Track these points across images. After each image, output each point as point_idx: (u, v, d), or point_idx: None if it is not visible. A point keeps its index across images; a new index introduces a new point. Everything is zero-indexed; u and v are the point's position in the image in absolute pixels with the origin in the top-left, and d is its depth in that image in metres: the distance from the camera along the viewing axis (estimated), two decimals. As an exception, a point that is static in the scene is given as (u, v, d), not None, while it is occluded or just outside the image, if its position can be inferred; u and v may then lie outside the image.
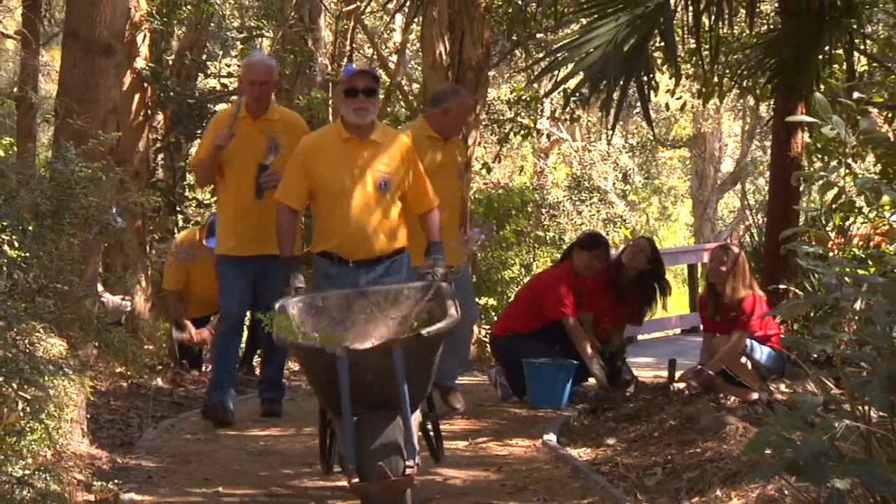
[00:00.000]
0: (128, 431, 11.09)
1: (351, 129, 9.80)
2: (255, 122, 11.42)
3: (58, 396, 7.13)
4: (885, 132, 13.83)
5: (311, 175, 9.80)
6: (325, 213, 9.96)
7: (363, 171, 9.76)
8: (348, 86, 9.66)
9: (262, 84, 11.38)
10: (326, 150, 9.86)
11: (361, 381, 7.99)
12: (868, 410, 6.88)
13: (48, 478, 5.46)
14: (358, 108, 9.62)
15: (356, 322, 8.92)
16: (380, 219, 9.85)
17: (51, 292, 7.28)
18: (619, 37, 11.63)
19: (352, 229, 9.77)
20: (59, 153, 9.09)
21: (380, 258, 9.94)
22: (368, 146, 9.82)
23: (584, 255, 13.31)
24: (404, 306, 9.05)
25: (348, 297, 9.07)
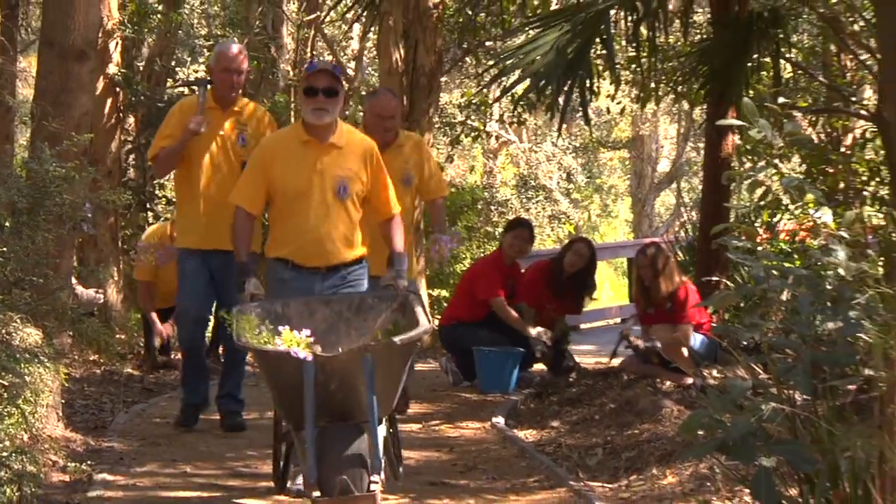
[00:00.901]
0: (101, 416, 11.07)
1: (311, 131, 8.55)
2: (223, 112, 10.37)
3: (34, 383, 7.11)
4: (808, 135, 13.91)
5: (268, 177, 8.61)
6: (281, 218, 8.76)
7: (321, 175, 8.52)
8: (308, 84, 8.53)
9: (237, 73, 10.31)
10: (285, 152, 8.65)
11: (326, 389, 7.14)
12: (793, 394, 6.92)
13: (24, 459, 5.44)
14: (316, 108, 8.42)
15: (317, 330, 7.71)
16: (337, 226, 8.63)
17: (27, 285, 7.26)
18: (563, 41, 11.69)
19: (307, 236, 8.58)
20: (34, 154, 9.07)
21: (336, 267, 8.71)
22: (329, 149, 8.56)
23: (508, 236, 13.66)
24: (368, 316, 8.13)
25: (309, 304, 8.10)
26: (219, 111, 10.30)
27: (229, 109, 10.39)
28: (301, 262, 8.60)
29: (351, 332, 8.03)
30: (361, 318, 8.09)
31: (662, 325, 12.10)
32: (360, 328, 8.03)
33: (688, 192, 37.14)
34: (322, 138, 8.54)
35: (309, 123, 8.53)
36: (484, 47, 20.23)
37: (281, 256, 8.68)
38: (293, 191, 8.54)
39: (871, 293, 6.89)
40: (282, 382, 7.37)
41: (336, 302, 8.19)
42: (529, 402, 12.66)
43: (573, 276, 13.73)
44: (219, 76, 10.29)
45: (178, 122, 10.26)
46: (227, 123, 10.34)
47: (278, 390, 7.50)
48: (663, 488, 8.81)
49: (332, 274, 8.67)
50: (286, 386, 7.28)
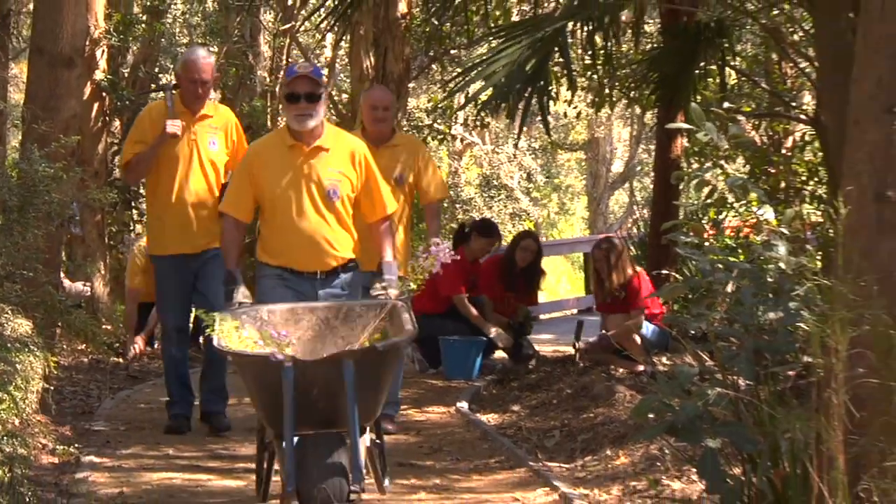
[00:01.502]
0: (88, 401, 11.04)
1: (296, 136, 7.92)
2: (192, 117, 9.59)
3: (24, 370, 7.10)
4: (752, 138, 13.93)
5: (256, 184, 7.95)
6: (272, 225, 8.11)
7: (310, 179, 7.90)
8: (289, 90, 7.86)
9: (203, 83, 9.54)
10: (271, 158, 7.97)
11: (307, 395, 6.48)
12: (737, 380, 6.94)
13: (15, 442, 5.43)
14: (299, 114, 7.76)
15: (302, 338, 7.22)
16: (331, 230, 8.00)
17: (17, 278, 7.25)
18: (523, 56, 11.68)
19: (302, 243, 7.95)
20: (25, 155, 9.06)
21: (335, 269, 8.11)
22: (315, 152, 7.92)
23: (482, 241, 13.57)
24: (355, 325, 7.30)
25: (295, 311, 7.35)
26: (188, 115, 9.57)
27: (198, 114, 9.65)
28: (298, 269, 8.07)
29: (337, 340, 7.27)
30: (348, 326, 7.30)
31: (616, 315, 12.17)
32: (347, 336, 7.26)
33: (640, 192, 37.19)
34: (308, 142, 7.91)
35: (295, 130, 7.91)
36: (449, 55, 20.26)
37: (276, 265, 8.13)
38: (283, 197, 7.89)
39: (809, 285, 6.91)
40: (262, 388, 6.73)
41: (323, 309, 7.43)
42: (491, 387, 12.69)
43: (524, 270, 13.82)
44: (185, 83, 9.58)
45: (148, 127, 9.56)
46: (197, 128, 9.65)
47: (259, 396, 6.83)
48: (616, 468, 8.83)
49: (330, 279, 8.11)
50: (266, 391, 6.64)
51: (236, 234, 8.06)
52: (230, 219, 8.04)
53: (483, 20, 14.62)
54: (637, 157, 36.13)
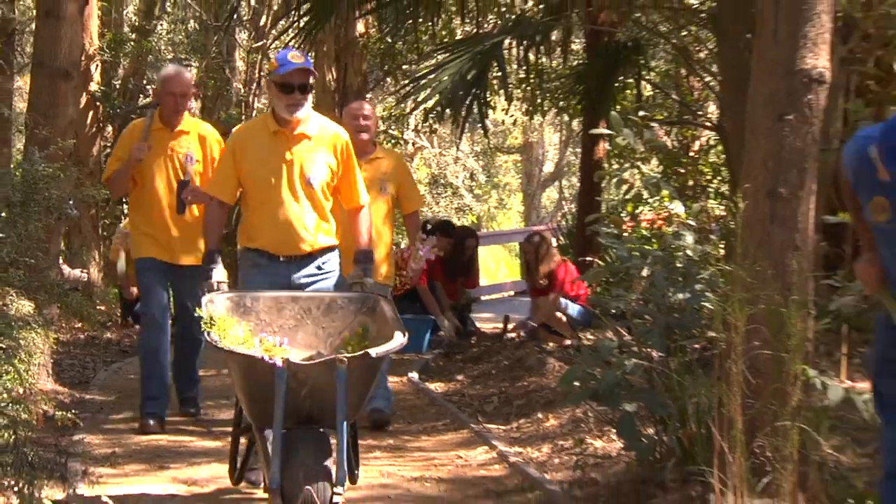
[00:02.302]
0: (84, 373, 11.00)
1: (281, 122, 7.04)
2: (171, 132, 8.86)
3: (27, 346, 7.08)
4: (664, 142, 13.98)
5: (239, 167, 7.09)
6: (253, 208, 7.18)
7: (292, 164, 7.02)
8: (284, 81, 6.91)
9: (181, 96, 8.85)
10: (255, 143, 7.11)
11: (296, 395, 5.75)
12: (650, 352, 7.00)
13: (20, 409, 5.42)
14: (291, 103, 6.91)
15: (284, 327, 6.39)
16: (309, 214, 7.06)
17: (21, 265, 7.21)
18: (465, 69, 11.70)
19: (280, 226, 7.01)
20: (27, 156, 9.02)
21: (311, 254, 7.11)
22: (299, 139, 7.03)
23: (444, 240, 13.57)
24: (337, 317, 6.49)
25: (279, 300, 6.51)
26: (166, 131, 8.80)
27: (176, 130, 8.87)
28: (275, 252, 7.07)
29: (318, 331, 6.48)
30: (330, 318, 6.47)
31: (543, 298, 12.26)
32: (328, 328, 6.46)
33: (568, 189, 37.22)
34: (293, 129, 7.01)
35: (281, 117, 7.01)
36: (401, 69, 20.22)
37: (255, 247, 7.13)
38: (264, 181, 7.01)
39: (713, 270, 6.96)
40: (251, 385, 5.91)
41: (305, 300, 6.56)
42: (439, 360, 12.75)
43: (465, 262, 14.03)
44: (164, 98, 8.83)
45: (126, 145, 8.83)
46: (175, 143, 8.86)
47: (247, 392, 5.99)
48: (546, 429, 8.88)
49: (306, 262, 7.12)
50: (255, 386, 5.86)
51: (219, 214, 7.22)
52: (215, 200, 7.22)
53: (431, 38, 14.60)
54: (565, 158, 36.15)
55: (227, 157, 7.24)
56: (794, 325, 5.93)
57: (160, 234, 8.81)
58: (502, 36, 12.44)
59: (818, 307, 6.72)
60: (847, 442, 6.25)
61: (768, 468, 6.04)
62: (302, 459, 5.75)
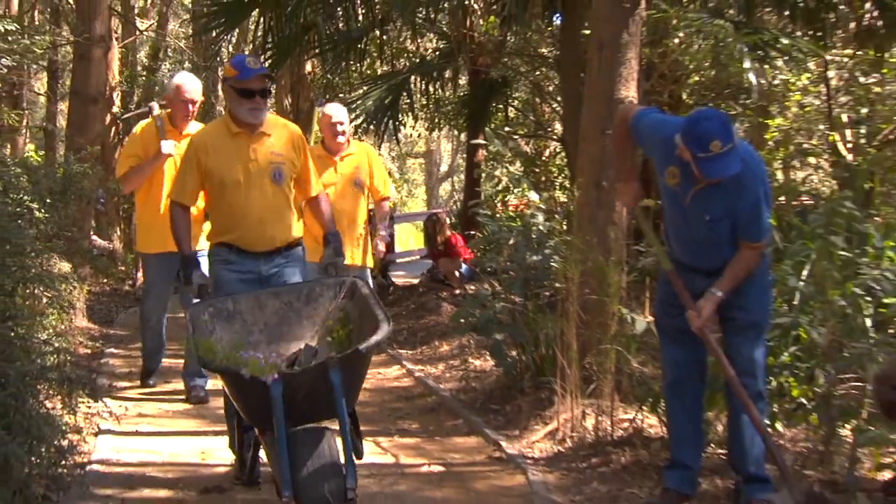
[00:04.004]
0: (109, 314, 10.86)
1: (240, 125, 5.46)
2: (179, 135, 7.19)
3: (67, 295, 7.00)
4: (524, 149, 14.02)
5: (204, 170, 5.44)
6: (221, 208, 5.52)
7: (257, 163, 5.45)
8: (245, 87, 5.39)
9: (192, 102, 7.26)
10: (217, 145, 5.48)
11: (293, 400, 4.37)
12: (514, 298, 7.05)
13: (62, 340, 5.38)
14: (252, 108, 5.42)
15: (269, 323, 4.98)
16: (276, 210, 5.49)
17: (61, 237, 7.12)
18: (383, 96, 11.71)
19: (250, 222, 5.42)
20: (66, 159, 8.91)
21: (278, 249, 5.51)
22: (259, 137, 5.48)
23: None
24: (318, 304, 5.06)
25: (259, 298, 5.04)
26: (176, 134, 7.21)
27: (184, 133, 7.22)
28: (245, 247, 5.43)
29: (302, 321, 5.04)
30: (311, 306, 5.05)
31: (443, 259, 12.27)
32: (311, 317, 5.04)
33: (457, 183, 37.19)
34: (252, 129, 5.45)
35: (241, 120, 5.41)
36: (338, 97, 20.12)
37: (225, 241, 5.48)
38: (231, 180, 5.39)
39: (557, 240, 7.02)
40: (247, 399, 4.51)
41: (285, 293, 5.09)
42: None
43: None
44: (177, 105, 7.23)
45: (139, 144, 7.19)
46: (182, 144, 6.87)
47: (244, 404, 4.57)
48: (442, 353, 8.93)
49: (273, 256, 5.49)
50: (251, 399, 4.47)
51: (186, 218, 5.48)
52: (178, 207, 5.44)
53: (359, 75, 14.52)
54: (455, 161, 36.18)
55: (188, 162, 5.47)
56: (612, 278, 6.03)
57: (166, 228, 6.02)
58: (410, 73, 12.44)
59: (629, 265, 6.83)
60: (648, 359, 6.36)
61: (594, 378, 6.14)
62: (311, 460, 4.35)
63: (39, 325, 5.00)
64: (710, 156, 4.43)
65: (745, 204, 4.59)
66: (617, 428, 5.87)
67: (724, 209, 4.61)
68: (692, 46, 9.03)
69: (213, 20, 11.71)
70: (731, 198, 4.59)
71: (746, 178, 4.57)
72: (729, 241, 4.67)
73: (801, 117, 11.81)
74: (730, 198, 4.59)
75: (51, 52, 15.42)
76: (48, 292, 5.18)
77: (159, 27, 19.83)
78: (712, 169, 4.47)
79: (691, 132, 4.51)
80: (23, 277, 4.80)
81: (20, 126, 16.36)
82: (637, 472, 5.38)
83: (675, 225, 4.89)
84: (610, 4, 6.58)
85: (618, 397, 6.05)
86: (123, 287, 12.74)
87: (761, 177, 4.68)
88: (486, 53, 12.71)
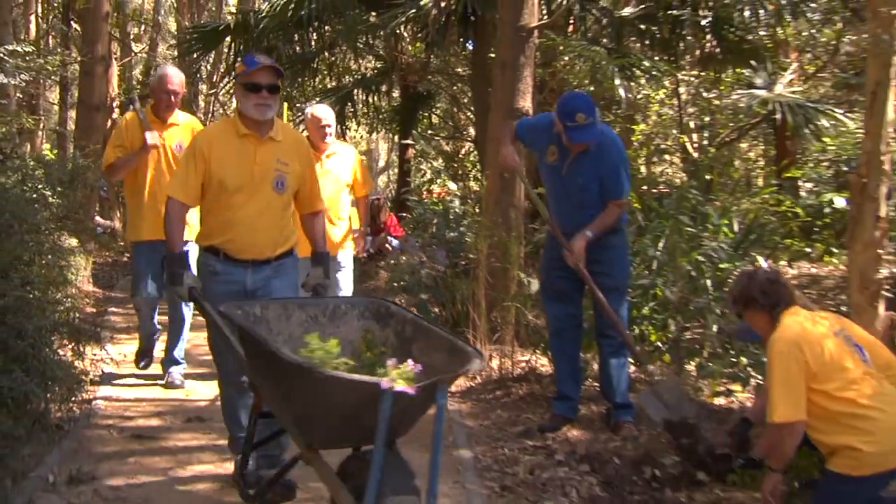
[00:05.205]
0: (111, 280, 10.61)
1: (250, 126, 4.10)
2: (163, 125, 5.87)
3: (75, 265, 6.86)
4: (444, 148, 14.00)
5: (207, 170, 4.08)
6: (217, 209, 4.13)
7: (261, 169, 4.10)
8: (251, 80, 4.05)
9: (174, 94, 5.90)
10: (223, 145, 4.12)
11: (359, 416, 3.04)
12: (436, 266, 7.06)
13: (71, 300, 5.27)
14: (259, 103, 4.04)
15: (293, 335, 3.63)
16: (273, 219, 4.14)
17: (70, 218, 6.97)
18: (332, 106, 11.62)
19: (243, 228, 4.10)
20: (73, 156, 8.71)
21: (268, 260, 4.13)
22: (267, 143, 4.13)
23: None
24: (341, 323, 3.71)
25: (286, 307, 3.69)
26: (159, 124, 5.89)
27: (168, 123, 5.92)
28: (233, 254, 4.10)
29: (326, 337, 3.49)
30: (335, 324, 3.70)
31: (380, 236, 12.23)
32: (335, 334, 3.59)
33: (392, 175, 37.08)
34: (261, 133, 4.09)
35: (249, 118, 4.08)
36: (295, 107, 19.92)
37: (212, 245, 4.12)
38: (233, 184, 4.05)
39: (470, 220, 7.05)
40: (326, 404, 3.05)
41: (311, 306, 3.74)
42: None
43: None
44: (159, 95, 5.91)
45: (125, 135, 5.86)
46: (166, 134, 5.89)
47: (310, 410, 3.12)
48: (379, 309, 8.90)
49: (262, 266, 4.11)
50: (327, 407, 3.06)
51: (181, 215, 4.07)
52: (176, 203, 4.05)
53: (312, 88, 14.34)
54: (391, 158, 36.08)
55: (190, 160, 4.11)
56: (513, 250, 6.07)
57: (153, 215, 5.67)
58: (353, 88, 12.34)
59: (526, 240, 6.88)
60: (541, 313, 6.44)
61: (499, 328, 6.18)
62: (389, 482, 3.05)
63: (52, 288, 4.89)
64: (576, 125, 4.58)
65: (607, 167, 4.71)
66: (516, 367, 5.92)
67: (592, 173, 4.71)
68: (575, 67, 9.09)
69: (194, 45, 11.87)
70: (596, 163, 4.71)
71: (606, 147, 4.72)
72: (597, 203, 4.76)
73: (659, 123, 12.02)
74: (595, 164, 4.71)
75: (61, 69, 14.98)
76: (60, 262, 5.07)
77: (151, 49, 19.42)
78: (578, 136, 4.61)
79: (563, 106, 4.66)
80: (38, 251, 4.70)
81: (37, 129, 15.89)
82: (532, 401, 5.44)
83: (556, 196, 4.94)
84: (510, 33, 6.58)
85: (517, 343, 6.10)
86: (122, 258, 12.48)
87: (618, 147, 4.82)
88: (413, 72, 12.65)
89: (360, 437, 3.10)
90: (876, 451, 3.49)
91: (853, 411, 3.53)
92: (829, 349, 3.60)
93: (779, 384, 3.55)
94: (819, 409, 3.56)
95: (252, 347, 3.30)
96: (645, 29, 9.65)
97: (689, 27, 9.54)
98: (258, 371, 3.33)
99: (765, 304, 3.79)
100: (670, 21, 9.57)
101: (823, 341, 3.62)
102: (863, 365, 3.64)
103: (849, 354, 3.63)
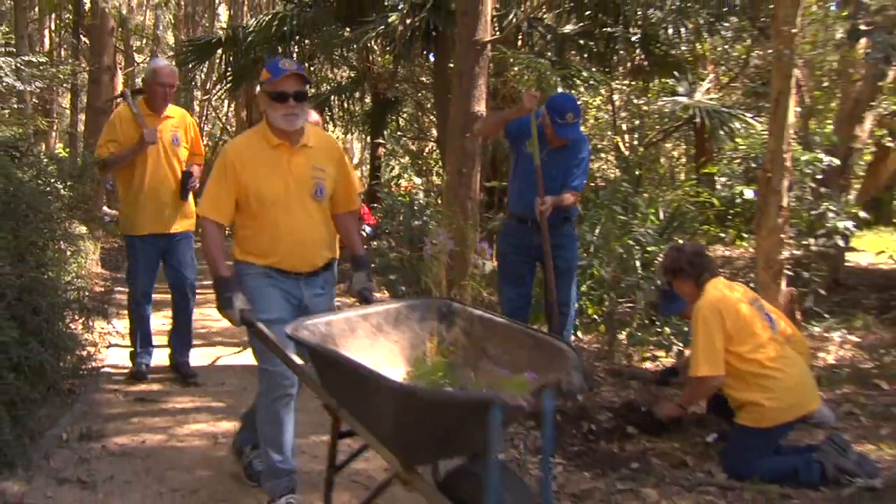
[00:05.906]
0: (117, 263, 10.46)
1: (281, 135, 3.27)
2: (158, 118, 5.09)
3: (85, 250, 6.73)
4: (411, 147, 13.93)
5: (240, 185, 3.22)
6: (257, 225, 3.27)
7: (298, 178, 3.27)
8: (277, 89, 3.24)
9: (169, 87, 5.08)
10: (255, 159, 3.25)
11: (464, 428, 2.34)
12: (403, 250, 7.03)
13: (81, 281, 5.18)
14: (287, 113, 3.22)
15: (361, 348, 2.80)
16: (318, 229, 3.34)
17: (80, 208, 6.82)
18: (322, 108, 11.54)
19: (290, 243, 3.27)
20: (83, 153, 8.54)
21: (319, 269, 3.36)
22: (301, 152, 3.29)
23: None
24: (405, 328, 2.91)
25: (350, 320, 2.86)
26: (154, 117, 5.11)
27: (162, 115, 5.13)
28: (290, 269, 3.32)
29: (392, 346, 2.92)
30: (399, 330, 2.95)
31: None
32: (400, 340, 2.94)
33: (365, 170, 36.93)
34: (294, 141, 3.31)
35: (279, 129, 3.28)
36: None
37: (266, 265, 3.29)
38: (269, 197, 3.26)
39: (433, 210, 7.04)
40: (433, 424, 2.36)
41: (373, 315, 2.95)
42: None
43: None
44: (154, 88, 5.08)
45: (118, 129, 5.11)
46: (161, 127, 5.10)
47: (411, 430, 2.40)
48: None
49: (313, 278, 3.36)
50: (433, 426, 2.37)
51: (220, 237, 3.27)
52: (211, 223, 3.24)
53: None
54: (364, 156, 35.86)
55: (221, 176, 3.28)
56: (469, 236, 6.07)
57: (151, 208, 5.13)
58: (330, 94, 12.26)
59: (481, 227, 6.89)
60: (495, 291, 6.45)
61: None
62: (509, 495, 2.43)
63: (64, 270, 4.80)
64: (564, 123, 4.58)
65: (579, 161, 4.72)
66: (473, 336, 5.91)
67: (565, 165, 4.70)
68: (523, 77, 9.10)
69: (190, 56, 11.77)
70: (570, 156, 4.70)
71: (579, 144, 4.74)
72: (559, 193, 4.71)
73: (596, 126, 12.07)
74: (569, 157, 4.70)
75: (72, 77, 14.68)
76: (70, 247, 4.98)
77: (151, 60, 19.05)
78: (565, 132, 4.61)
79: (556, 105, 4.62)
80: (51, 237, 4.62)
81: (50, 130, 15.57)
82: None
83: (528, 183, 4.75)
84: (467, 47, 6.56)
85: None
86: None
87: (587, 146, 4.84)
88: (383, 80, 12.58)
89: (456, 449, 2.54)
90: (777, 406, 3.57)
91: (759, 371, 3.61)
92: (743, 314, 3.70)
93: (702, 344, 3.64)
94: (732, 369, 3.64)
95: (334, 370, 2.64)
96: (583, 44, 9.72)
97: (621, 43, 9.60)
98: (341, 394, 2.72)
99: (691, 273, 3.86)
100: (605, 37, 9.64)
101: (739, 306, 3.71)
102: (770, 331, 3.72)
103: (759, 320, 3.72)
